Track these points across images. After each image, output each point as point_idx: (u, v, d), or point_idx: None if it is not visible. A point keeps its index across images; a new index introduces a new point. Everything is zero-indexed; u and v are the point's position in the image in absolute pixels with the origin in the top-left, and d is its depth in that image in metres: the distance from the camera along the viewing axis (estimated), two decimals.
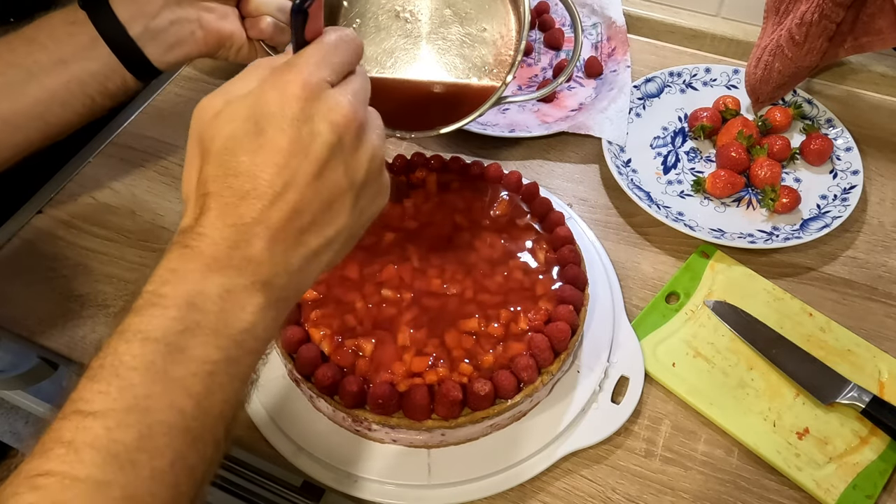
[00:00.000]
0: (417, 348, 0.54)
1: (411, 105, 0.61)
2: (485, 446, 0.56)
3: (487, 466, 0.55)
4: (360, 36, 0.58)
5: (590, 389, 0.58)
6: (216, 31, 0.60)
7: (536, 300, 0.57)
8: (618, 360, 0.60)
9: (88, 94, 0.57)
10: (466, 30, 0.61)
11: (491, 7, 0.61)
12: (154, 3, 0.57)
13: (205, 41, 0.60)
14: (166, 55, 0.58)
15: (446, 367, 0.53)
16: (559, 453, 0.56)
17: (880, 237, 0.71)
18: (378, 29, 0.60)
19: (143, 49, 0.57)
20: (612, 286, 0.66)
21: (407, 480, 0.54)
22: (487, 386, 0.51)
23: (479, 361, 0.53)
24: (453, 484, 0.54)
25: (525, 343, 0.54)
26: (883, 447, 0.56)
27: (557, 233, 0.60)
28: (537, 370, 0.53)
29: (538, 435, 0.56)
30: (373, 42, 0.61)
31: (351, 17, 0.60)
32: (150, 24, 0.57)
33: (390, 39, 0.60)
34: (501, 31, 0.60)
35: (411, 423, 0.51)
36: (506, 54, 0.60)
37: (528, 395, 0.53)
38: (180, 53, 0.59)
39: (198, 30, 0.59)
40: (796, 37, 0.72)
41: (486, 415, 0.52)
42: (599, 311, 0.62)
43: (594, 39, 0.90)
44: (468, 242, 0.60)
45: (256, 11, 0.60)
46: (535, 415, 0.57)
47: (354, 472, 0.55)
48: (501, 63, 0.60)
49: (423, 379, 0.52)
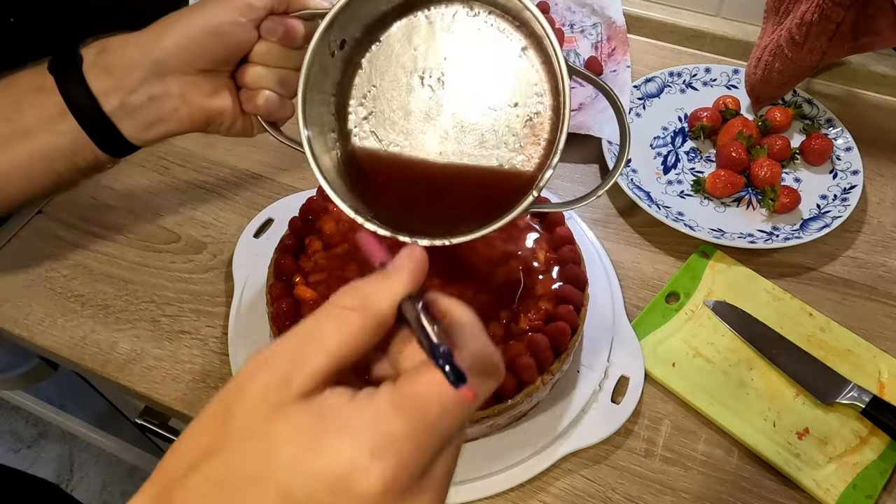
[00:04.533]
0: None
1: (434, 193, 0.52)
2: (485, 446, 0.56)
3: (487, 466, 0.55)
4: (377, 103, 0.50)
5: (590, 389, 0.58)
6: (203, 108, 0.51)
7: (536, 300, 0.57)
8: (618, 360, 0.60)
9: (55, 169, 0.50)
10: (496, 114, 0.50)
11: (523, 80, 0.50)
12: (133, 75, 0.48)
13: (190, 119, 0.51)
14: (144, 133, 0.50)
15: None
16: (559, 453, 0.56)
17: (880, 237, 0.71)
18: (396, 91, 0.51)
19: (117, 125, 0.49)
20: (612, 286, 0.66)
21: None
22: None
23: None
24: (453, 484, 0.54)
25: (525, 343, 0.54)
26: (883, 447, 0.56)
27: (557, 233, 0.60)
28: (537, 370, 0.53)
29: (538, 435, 0.56)
30: (390, 116, 0.51)
31: (369, 83, 0.51)
32: (128, 100, 0.49)
33: (405, 106, 0.51)
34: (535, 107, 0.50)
35: None
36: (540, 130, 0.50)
37: (529, 395, 0.53)
38: (161, 131, 0.51)
39: (182, 106, 0.50)
40: (796, 37, 0.72)
41: (486, 415, 0.52)
42: (599, 311, 0.62)
43: (594, 39, 0.90)
44: (468, 242, 0.60)
45: (254, 84, 0.51)
46: (535, 415, 0.57)
47: None
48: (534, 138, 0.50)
49: None
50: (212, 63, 0.50)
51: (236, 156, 0.79)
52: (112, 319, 0.65)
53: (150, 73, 0.48)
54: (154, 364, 0.62)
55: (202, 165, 0.78)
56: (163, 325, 0.65)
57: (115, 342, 0.64)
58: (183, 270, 0.69)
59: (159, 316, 0.65)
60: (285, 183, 0.76)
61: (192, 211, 0.74)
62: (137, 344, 0.63)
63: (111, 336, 0.64)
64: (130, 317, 0.65)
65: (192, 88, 0.50)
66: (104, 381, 0.63)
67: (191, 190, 0.76)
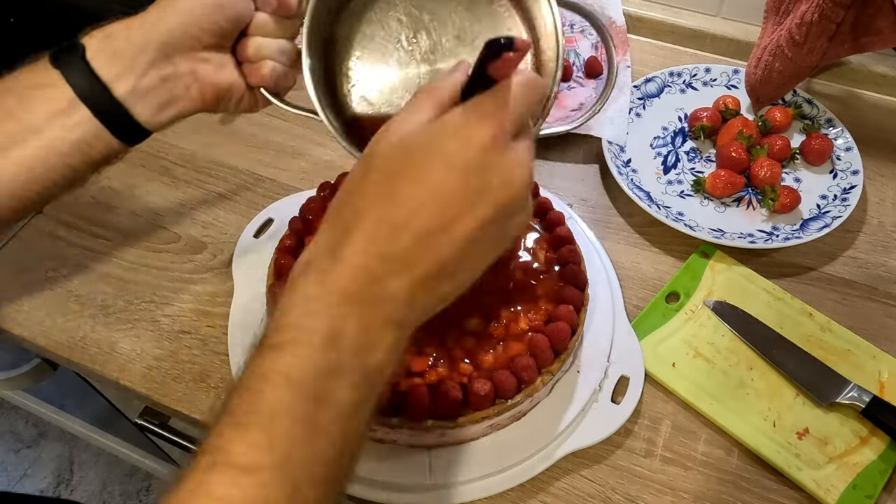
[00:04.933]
0: (417, 348, 0.54)
1: None
2: (485, 446, 0.56)
3: (488, 466, 0.55)
4: (363, 62, 0.53)
5: (590, 389, 0.58)
6: (213, 85, 0.52)
7: (536, 300, 0.57)
8: (618, 359, 0.60)
9: (68, 164, 0.50)
10: None
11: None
12: (142, 57, 0.48)
13: (201, 96, 0.52)
14: (158, 115, 0.51)
15: (446, 366, 0.53)
16: (559, 453, 0.56)
17: (880, 237, 0.71)
18: (382, 56, 0.54)
19: (130, 110, 0.49)
20: (612, 286, 0.65)
21: (407, 480, 0.54)
22: (487, 385, 0.51)
23: (479, 361, 0.53)
24: (453, 484, 0.54)
25: (525, 343, 0.54)
26: (883, 447, 0.56)
27: (557, 232, 0.60)
28: (537, 370, 0.53)
29: (538, 435, 0.56)
30: (376, 73, 0.54)
31: (355, 42, 0.54)
32: (139, 83, 0.49)
33: (391, 71, 0.54)
34: None
35: (412, 424, 0.51)
36: None
37: (529, 396, 0.53)
38: (174, 112, 0.52)
39: (193, 84, 0.51)
40: (796, 37, 0.72)
41: (486, 415, 0.52)
42: (599, 311, 0.62)
43: (594, 39, 0.90)
44: None
45: (256, 56, 0.52)
46: (535, 415, 0.57)
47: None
48: None
49: (424, 379, 0.52)
50: (217, 37, 0.50)
51: (236, 156, 0.79)
52: (112, 319, 0.65)
53: (158, 53, 0.49)
54: (154, 364, 0.62)
55: (202, 165, 0.78)
56: (163, 325, 0.65)
57: (115, 342, 0.64)
58: (183, 270, 0.69)
59: (159, 316, 0.65)
60: (285, 183, 0.76)
61: (192, 211, 0.74)
62: (137, 344, 0.63)
63: (111, 336, 0.64)
64: (130, 317, 0.65)
65: (201, 65, 0.51)
66: (104, 381, 0.63)
67: (191, 190, 0.76)
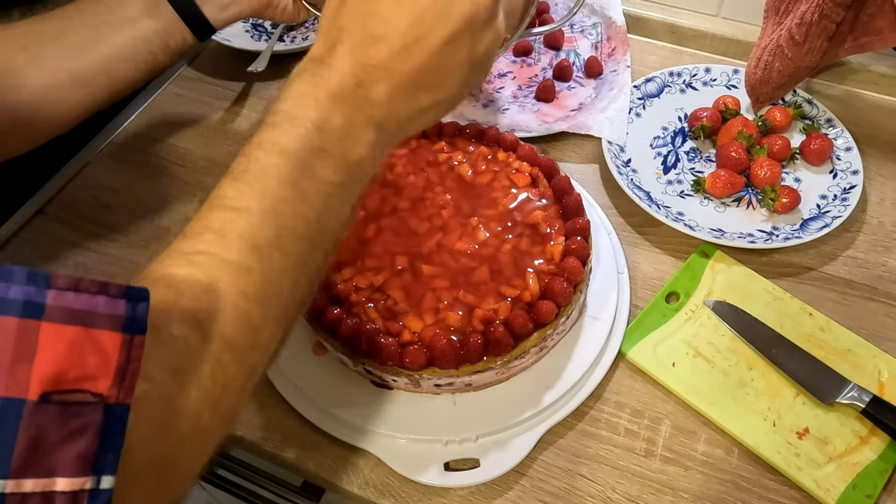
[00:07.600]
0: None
1: None
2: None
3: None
4: None
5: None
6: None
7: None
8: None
9: (151, 50, 0.63)
10: None
11: None
12: None
13: (256, 0, 0.67)
14: (221, 14, 0.66)
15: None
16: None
17: (880, 237, 0.71)
18: None
19: (200, 7, 0.64)
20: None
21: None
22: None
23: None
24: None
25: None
26: (883, 447, 0.56)
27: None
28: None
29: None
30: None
31: None
32: None
33: None
34: None
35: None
36: None
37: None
38: (233, 12, 0.67)
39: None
40: (796, 37, 0.72)
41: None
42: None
43: (594, 39, 0.90)
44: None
45: None
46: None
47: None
48: None
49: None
50: None
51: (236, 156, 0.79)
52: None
53: None
54: None
55: (202, 165, 0.78)
56: None
57: None
58: None
59: None
60: None
61: (193, 211, 0.73)
62: None
63: None
64: None
65: None
66: None
67: (191, 190, 0.76)
